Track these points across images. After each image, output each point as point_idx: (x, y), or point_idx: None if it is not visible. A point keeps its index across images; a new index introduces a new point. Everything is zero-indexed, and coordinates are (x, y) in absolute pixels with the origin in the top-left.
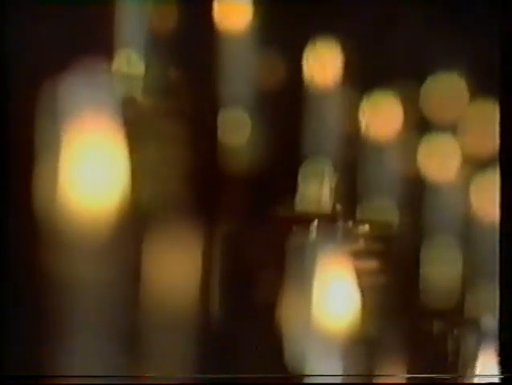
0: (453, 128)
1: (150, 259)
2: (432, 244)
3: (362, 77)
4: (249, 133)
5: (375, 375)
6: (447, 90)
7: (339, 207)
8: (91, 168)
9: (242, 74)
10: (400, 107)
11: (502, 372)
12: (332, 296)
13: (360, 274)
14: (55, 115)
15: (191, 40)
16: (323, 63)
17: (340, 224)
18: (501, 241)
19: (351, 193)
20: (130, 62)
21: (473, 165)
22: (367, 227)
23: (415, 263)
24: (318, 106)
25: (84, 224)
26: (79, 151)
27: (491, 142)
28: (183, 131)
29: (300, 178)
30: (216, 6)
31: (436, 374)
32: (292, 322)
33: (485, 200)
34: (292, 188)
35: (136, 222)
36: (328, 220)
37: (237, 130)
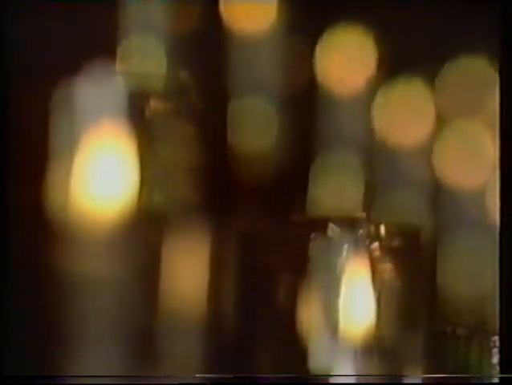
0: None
1: (162, 261)
2: (454, 246)
3: (379, 75)
4: (263, 134)
5: (391, 375)
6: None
7: (357, 209)
8: (99, 169)
9: (258, 74)
10: (421, 104)
11: (502, 372)
12: (350, 299)
13: (379, 276)
14: (62, 115)
15: (203, 40)
16: (339, 59)
17: (359, 226)
18: (501, 240)
19: (370, 195)
20: (139, 61)
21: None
22: (386, 229)
23: (436, 265)
24: (334, 106)
25: (95, 225)
26: (87, 151)
27: None
28: (196, 132)
29: (316, 180)
30: (230, 5)
31: (448, 374)
32: (309, 325)
33: None
34: (309, 190)
35: (148, 225)
36: (346, 222)
37: (252, 130)
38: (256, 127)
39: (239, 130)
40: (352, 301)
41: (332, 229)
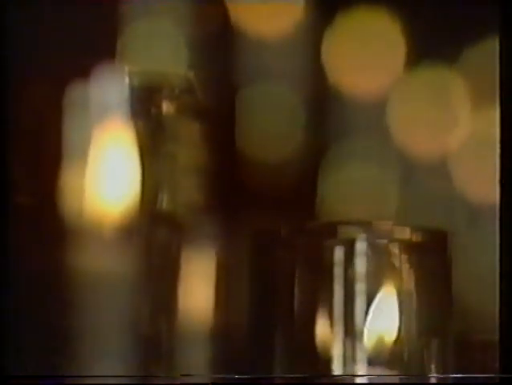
0: None
1: (171, 262)
2: (472, 250)
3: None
4: (276, 135)
5: (403, 375)
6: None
7: (372, 213)
8: (105, 169)
9: (268, 74)
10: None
11: (502, 372)
12: (366, 303)
13: (394, 280)
14: (67, 115)
15: (212, 39)
16: (352, 59)
17: (374, 230)
18: (501, 240)
19: (385, 197)
20: (148, 60)
21: None
22: (402, 233)
23: (454, 269)
24: (347, 107)
25: (101, 226)
26: (94, 152)
27: None
28: (207, 134)
29: (331, 182)
30: (237, 3)
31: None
32: (319, 327)
33: None
34: (324, 194)
35: (158, 226)
36: (361, 226)
37: (264, 131)
38: (268, 128)
39: (251, 130)
40: (368, 305)
41: (348, 234)
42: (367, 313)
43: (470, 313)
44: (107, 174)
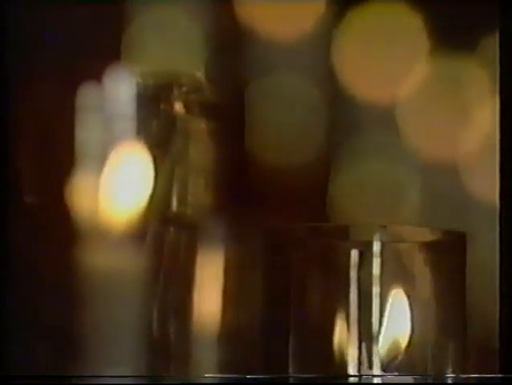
0: None
1: (179, 263)
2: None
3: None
4: (286, 136)
5: (417, 375)
6: None
7: (382, 215)
8: (111, 170)
9: (279, 75)
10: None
11: (502, 372)
12: (377, 305)
13: (405, 283)
14: (72, 117)
15: (223, 39)
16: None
17: (383, 233)
18: (501, 240)
19: (397, 198)
20: (150, 62)
21: None
22: (411, 235)
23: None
24: (359, 109)
25: (111, 229)
26: (101, 155)
27: None
28: (215, 134)
29: (343, 183)
30: (246, 5)
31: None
32: (325, 329)
33: None
34: (335, 195)
35: (165, 226)
36: (371, 228)
37: (275, 132)
38: (279, 128)
39: (263, 130)
40: (382, 307)
41: (363, 236)
42: (381, 315)
43: (476, 313)
44: (115, 174)
